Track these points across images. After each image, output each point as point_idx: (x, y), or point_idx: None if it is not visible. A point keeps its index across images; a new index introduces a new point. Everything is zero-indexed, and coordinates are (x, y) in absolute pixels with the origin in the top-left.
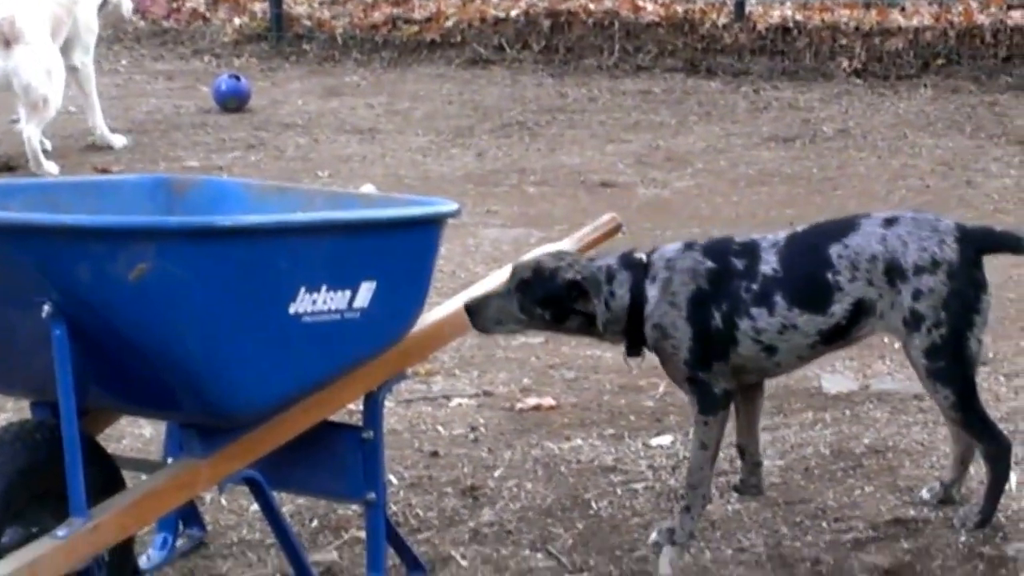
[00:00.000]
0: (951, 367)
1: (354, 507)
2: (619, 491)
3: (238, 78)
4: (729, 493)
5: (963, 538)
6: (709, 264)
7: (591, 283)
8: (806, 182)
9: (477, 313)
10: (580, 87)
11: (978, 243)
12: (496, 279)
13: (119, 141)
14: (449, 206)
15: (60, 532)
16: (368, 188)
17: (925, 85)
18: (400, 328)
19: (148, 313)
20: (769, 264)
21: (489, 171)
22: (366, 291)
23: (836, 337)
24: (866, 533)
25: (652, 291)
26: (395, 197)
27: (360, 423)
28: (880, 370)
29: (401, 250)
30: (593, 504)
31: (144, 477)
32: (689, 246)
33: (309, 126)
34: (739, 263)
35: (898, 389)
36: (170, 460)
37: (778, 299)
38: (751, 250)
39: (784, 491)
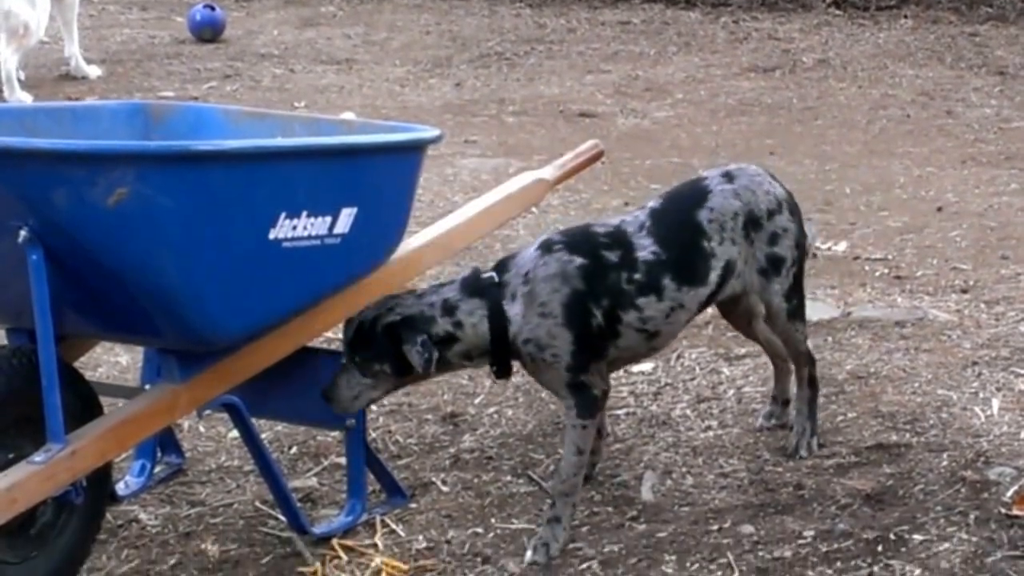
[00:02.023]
0: (800, 302)
1: (334, 434)
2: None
3: (213, 8)
4: (711, 418)
5: (945, 462)
6: (579, 261)
7: (407, 325)
8: (786, 112)
9: (333, 399)
10: (559, 17)
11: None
12: (472, 208)
13: (94, 71)
14: (431, 132)
15: (38, 457)
16: (348, 115)
17: (905, 16)
18: (380, 255)
19: (126, 238)
20: (647, 249)
21: (467, 101)
22: (346, 217)
23: (706, 306)
24: (848, 458)
25: (514, 309)
26: (376, 123)
27: (339, 350)
28: (861, 297)
29: (382, 176)
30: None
31: (122, 403)
32: (546, 248)
33: (285, 56)
34: (612, 255)
35: (879, 316)
36: (148, 386)
37: (667, 282)
38: (620, 239)
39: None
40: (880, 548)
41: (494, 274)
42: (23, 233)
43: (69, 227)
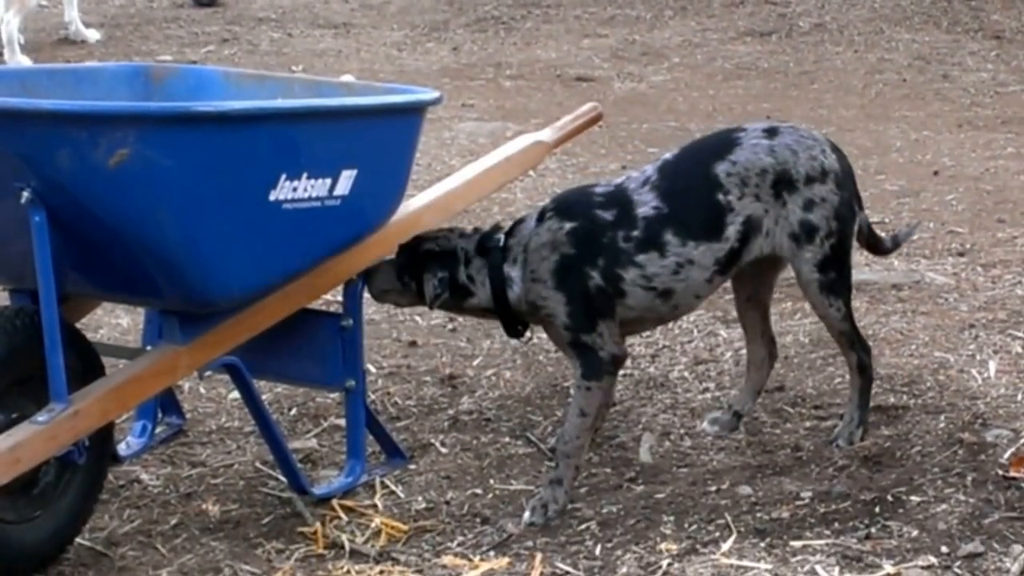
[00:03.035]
0: (841, 278)
1: (333, 395)
2: None
3: None
4: (708, 380)
5: (942, 424)
6: (569, 225)
7: (436, 258)
8: (783, 76)
9: (369, 279)
10: None
11: (847, 160)
12: (471, 171)
13: (92, 35)
14: (431, 94)
15: (41, 417)
16: (347, 78)
17: None
18: (380, 216)
19: (127, 199)
20: (647, 204)
21: (465, 65)
22: (346, 179)
23: (730, 264)
24: None
25: (514, 272)
26: (376, 85)
27: (339, 312)
28: (858, 261)
29: (382, 138)
30: (572, 392)
31: (124, 364)
32: (541, 217)
33: (283, 20)
34: (606, 214)
35: (876, 279)
36: (149, 347)
37: (669, 237)
38: (619, 197)
39: None
40: (878, 509)
41: (500, 238)
42: (25, 194)
43: (71, 188)
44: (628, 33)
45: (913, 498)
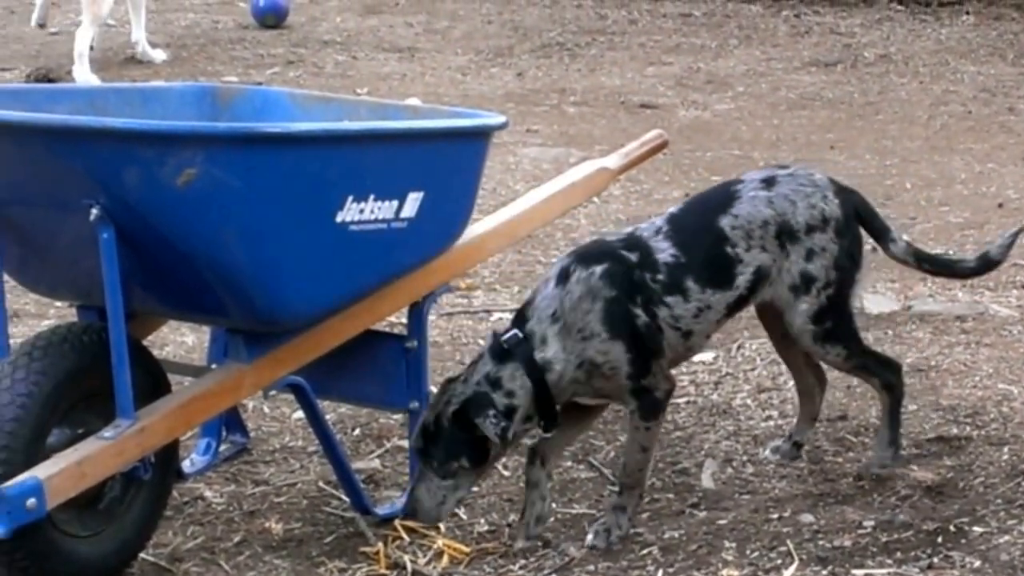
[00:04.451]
0: (839, 325)
1: (397, 416)
2: None
3: None
4: (771, 408)
5: (1006, 456)
6: (599, 268)
7: (473, 406)
8: (847, 107)
9: (417, 513)
10: (620, 9)
11: (855, 201)
12: (536, 196)
13: (159, 55)
14: (497, 119)
15: (107, 433)
16: (413, 101)
17: (967, 12)
18: (445, 239)
19: (195, 219)
20: (665, 251)
21: (529, 91)
22: (413, 201)
23: (737, 308)
24: (909, 450)
25: (549, 352)
26: (442, 109)
27: (404, 334)
28: (922, 291)
29: (449, 162)
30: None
31: (189, 382)
32: (563, 277)
33: (348, 43)
34: (632, 255)
35: (940, 310)
36: (214, 366)
37: (690, 284)
38: (637, 242)
39: (827, 408)
40: (940, 539)
41: (516, 331)
42: (94, 211)
43: (139, 206)
44: (693, 61)
45: (976, 529)
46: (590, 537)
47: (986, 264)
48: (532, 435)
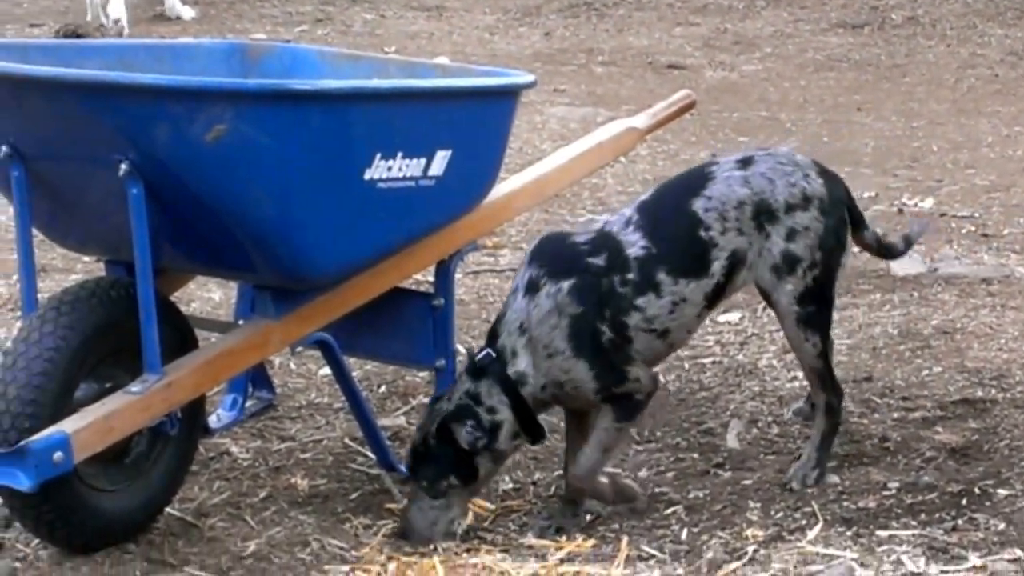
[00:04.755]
0: (820, 311)
1: (423, 374)
2: (687, 366)
3: None
4: (796, 368)
5: None
6: (568, 283)
7: (453, 419)
8: (874, 68)
9: (410, 535)
10: None
11: (841, 183)
12: (564, 155)
13: (188, 13)
14: (525, 77)
15: (135, 388)
16: (442, 60)
17: None
18: (473, 198)
19: (224, 175)
20: (636, 245)
21: (556, 50)
22: (441, 159)
23: (717, 298)
24: (934, 412)
25: (520, 366)
26: (470, 68)
27: (430, 292)
28: (948, 254)
29: (477, 120)
30: (661, 378)
31: (216, 337)
32: (532, 288)
33: (376, 2)
34: (599, 260)
35: (966, 273)
36: (242, 322)
37: (662, 276)
38: (605, 241)
39: (852, 369)
40: (964, 502)
41: (488, 351)
42: (123, 167)
43: (168, 162)
44: (720, 22)
45: (1000, 491)
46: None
47: (908, 246)
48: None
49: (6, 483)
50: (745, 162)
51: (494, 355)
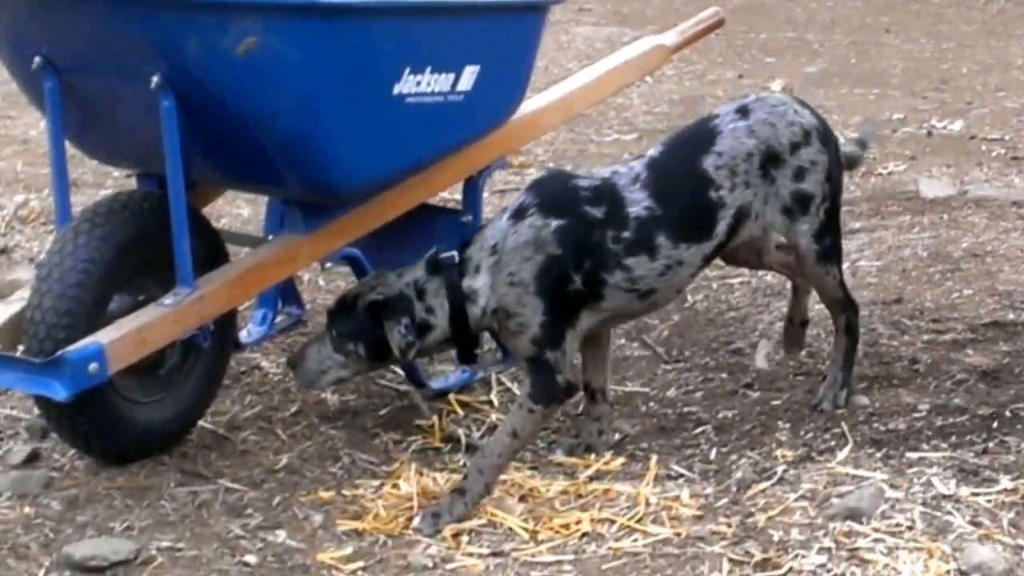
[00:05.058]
0: (834, 241)
1: None
2: (715, 286)
3: None
4: None
5: None
6: (558, 223)
7: (391, 306)
8: None
9: (297, 367)
10: None
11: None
12: (592, 72)
13: None
14: None
15: (167, 300)
16: None
17: None
18: (501, 113)
19: (254, 87)
20: (639, 204)
21: None
22: (469, 75)
23: (714, 256)
24: (964, 335)
25: (478, 282)
26: None
27: (458, 208)
28: (978, 177)
29: (505, 36)
30: (689, 297)
31: (247, 251)
32: (519, 214)
33: None
34: (596, 211)
35: (995, 195)
36: (271, 237)
37: (662, 240)
38: (608, 193)
39: (881, 291)
40: (995, 424)
41: (455, 253)
42: (155, 79)
43: (199, 74)
44: None
45: None
46: (417, 520)
47: (865, 148)
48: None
49: (42, 393)
50: (744, 112)
51: (457, 261)
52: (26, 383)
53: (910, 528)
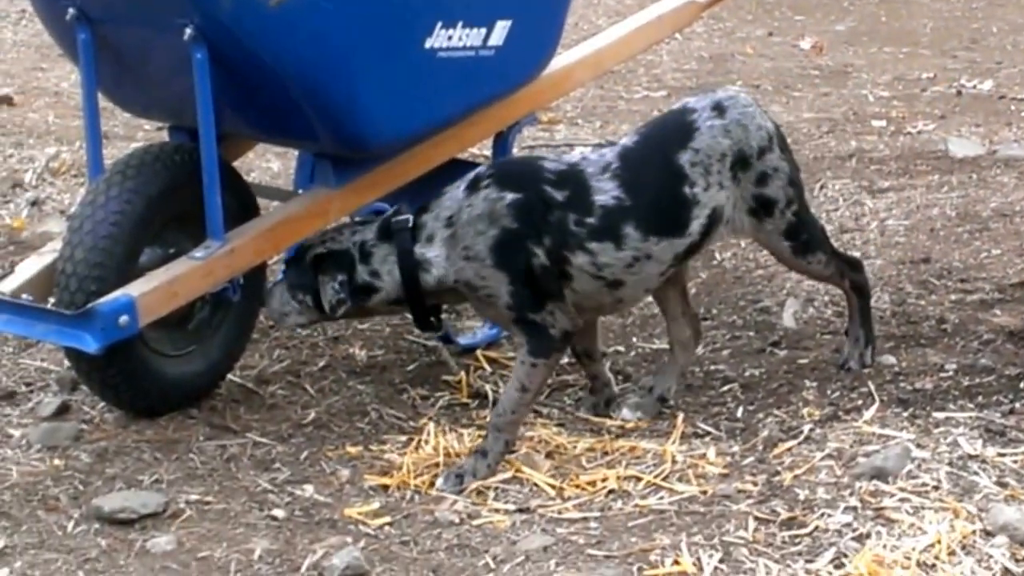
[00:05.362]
0: (811, 234)
1: None
2: (743, 244)
3: None
4: (854, 248)
5: None
6: (511, 197)
7: (330, 260)
8: None
9: (266, 303)
10: None
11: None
12: (624, 27)
13: None
14: None
15: (198, 253)
16: None
17: None
18: (531, 69)
19: (286, 39)
20: (607, 194)
21: None
22: (501, 29)
23: (687, 256)
24: (992, 295)
25: (432, 252)
26: None
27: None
28: (1007, 136)
29: None
30: (717, 255)
31: (276, 205)
32: (473, 186)
33: None
34: (557, 194)
35: None
36: (301, 191)
37: (629, 230)
38: (573, 178)
39: (909, 250)
40: (1022, 385)
41: (409, 217)
42: (188, 31)
43: (232, 25)
44: None
45: None
46: (440, 480)
47: None
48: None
49: (73, 345)
50: (719, 109)
51: (410, 225)
52: (57, 335)
53: (936, 488)
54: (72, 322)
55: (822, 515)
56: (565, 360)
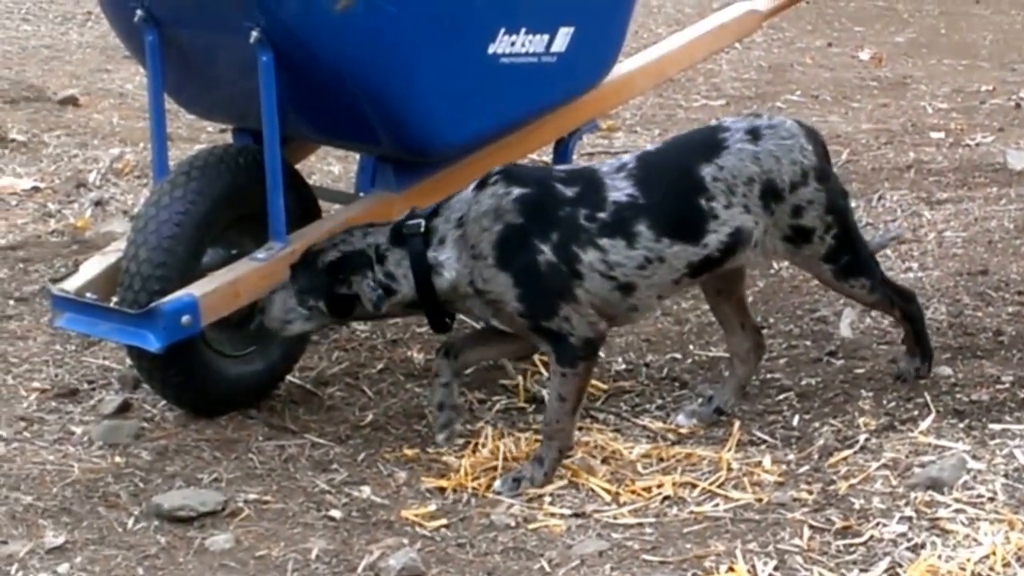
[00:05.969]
0: (855, 258)
1: None
2: None
3: None
4: (911, 259)
5: None
6: (520, 191)
7: (352, 262)
8: None
9: (265, 312)
10: None
11: (821, 139)
12: (686, 35)
13: None
14: None
15: (260, 255)
16: None
17: None
18: (594, 76)
19: (352, 44)
20: (622, 191)
21: None
22: (564, 36)
23: (704, 270)
24: None
25: (444, 255)
26: None
27: None
28: None
29: None
30: (774, 264)
31: (338, 208)
32: (482, 184)
33: None
34: (568, 190)
35: None
36: (363, 194)
37: (642, 228)
38: (587, 177)
39: (967, 262)
40: None
41: (421, 221)
42: (254, 34)
43: (298, 29)
44: None
45: None
46: (498, 483)
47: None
48: None
49: (135, 343)
50: (754, 134)
51: (423, 231)
52: (120, 333)
53: (991, 499)
54: (135, 321)
55: (877, 525)
56: (622, 366)
